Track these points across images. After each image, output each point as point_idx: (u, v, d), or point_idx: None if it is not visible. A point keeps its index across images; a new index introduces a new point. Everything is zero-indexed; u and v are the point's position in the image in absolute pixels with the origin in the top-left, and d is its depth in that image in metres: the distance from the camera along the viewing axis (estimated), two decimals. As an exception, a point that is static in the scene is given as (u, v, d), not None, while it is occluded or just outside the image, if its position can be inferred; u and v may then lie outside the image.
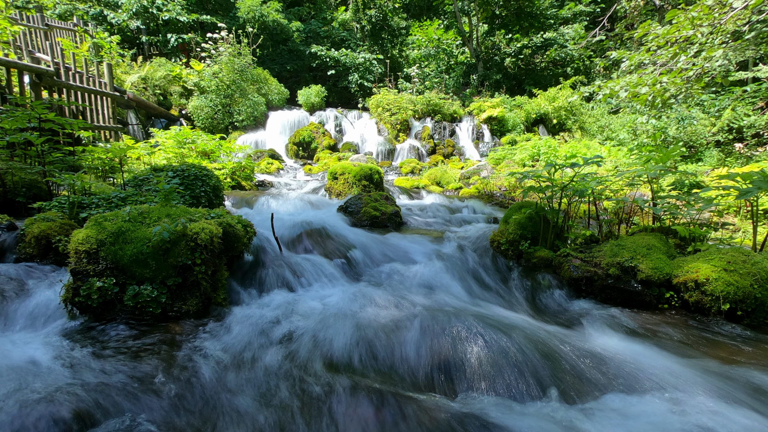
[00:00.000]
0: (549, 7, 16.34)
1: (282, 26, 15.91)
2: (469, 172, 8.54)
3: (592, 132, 12.43)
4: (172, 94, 11.73)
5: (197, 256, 2.15)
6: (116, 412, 1.34)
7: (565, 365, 1.73)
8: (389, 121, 12.44)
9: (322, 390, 1.52)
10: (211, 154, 6.72)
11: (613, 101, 11.85)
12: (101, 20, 12.99)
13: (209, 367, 1.64)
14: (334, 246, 3.23)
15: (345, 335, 1.90)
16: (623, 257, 2.61)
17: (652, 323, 2.32)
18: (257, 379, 1.59)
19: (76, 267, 2.04)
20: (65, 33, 10.33)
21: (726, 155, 8.80)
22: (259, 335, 1.92)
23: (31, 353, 1.67)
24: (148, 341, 1.82)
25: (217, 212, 2.55)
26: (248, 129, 11.73)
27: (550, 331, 2.08)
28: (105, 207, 2.95)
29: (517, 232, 3.20)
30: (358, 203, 4.54)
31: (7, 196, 3.39)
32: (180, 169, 3.84)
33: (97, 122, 6.85)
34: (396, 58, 17.88)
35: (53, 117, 3.72)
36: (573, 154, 8.20)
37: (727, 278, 2.28)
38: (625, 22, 15.42)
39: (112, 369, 1.57)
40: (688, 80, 5.10)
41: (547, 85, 14.97)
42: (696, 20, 5.06)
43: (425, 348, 1.81)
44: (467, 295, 2.70)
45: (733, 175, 2.53)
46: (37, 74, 5.44)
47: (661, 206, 2.95)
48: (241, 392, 1.50)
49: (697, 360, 1.85)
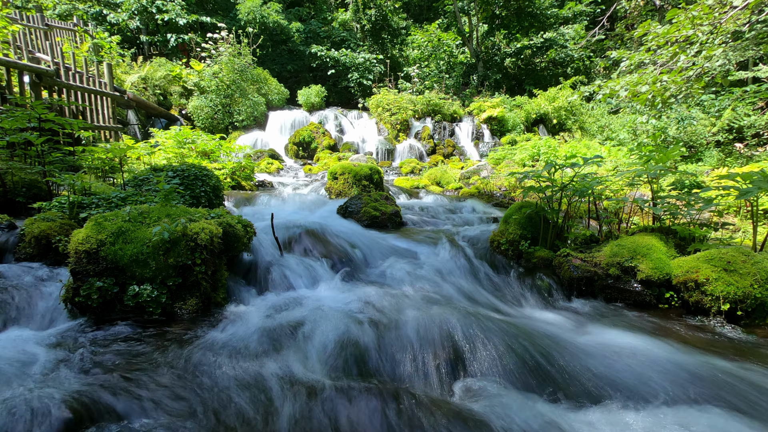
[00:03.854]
0: (549, 7, 16.34)
1: (282, 27, 15.91)
2: (469, 172, 8.54)
3: (592, 132, 12.43)
4: (172, 94, 11.72)
5: (197, 256, 2.15)
6: (114, 412, 1.34)
7: (564, 365, 1.72)
8: (389, 121, 12.44)
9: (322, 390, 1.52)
10: (211, 154, 6.71)
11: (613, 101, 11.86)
12: (101, 20, 12.99)
13: (209, 367, 1.63)
14: (334, 246, 3.23)
15: (345, 335, 1.90)
16: (623, 257, 2.61)
17: (651, 323, 2.32)
18: (257, 379, 1.59)
19: (76, 267, 2.04)
20: (65, 33, 10.33)
21: (726, 155, 8.79)
22: (259, 335, 1.92)
23: (30, 353, 1.67)
24: (147, 341, 1.82)
25: (217, 212, 2.54)
26: (248, 129, 11.73)
27: (550, 330, 2.08)
28: (105, 207, 2.95)
29: (517, 232, 3.20)
30: (358, 203, 4.54)
31: (7, 196, 3.39)
32: (180, 169, 3.84)
33: (97, 122, 6.85)
34: (396, 58, 17.88)
35: (53, 117, 3.71)
36: (573, 154, 8.20)
37: (727, 278, 2.28)
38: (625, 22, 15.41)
39: (111, 369, 1.57)
40: (688, 80, 5.10)
41: (547, 85, 14.97)
42: (696, 20, 5.06)
43: (423, 346, 1.81)
44: (466, 295, 2.70)
45: (733, 175, 2.53)
46: (37, 74, 5.44)
47: (661, 206, 2.95)
48: (240, 392, 1.50)
49: (697, 360, 1.84)
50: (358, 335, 1.90)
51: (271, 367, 1.66)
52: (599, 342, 1.99)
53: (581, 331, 2.19)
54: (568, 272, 2.72)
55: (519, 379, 1.65)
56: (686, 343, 2.04)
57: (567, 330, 2.20)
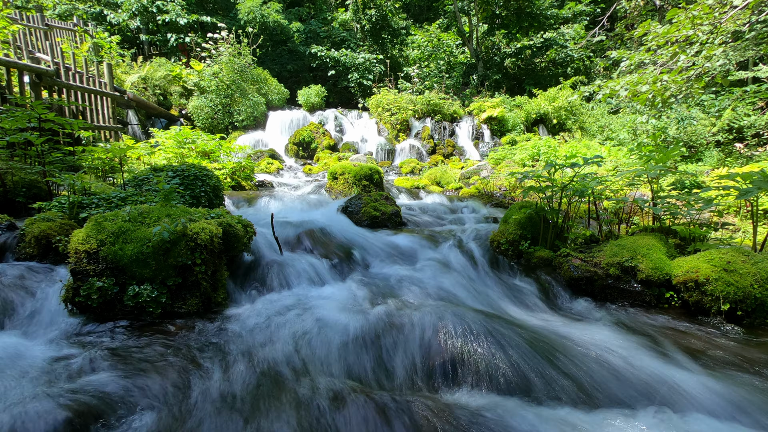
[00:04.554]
0: (549, 7, 16.34)
1: (282, 27, 15.91)
2: (469, 172, 8.54)
3: (592, 132, 12.43)
4: (172, 94, 11.73)
5: (197, 256, 2.15)
6: (113, 412, 1.34)
7: (563, 364, 1.72)
8: (389, 121, 12.43)
9: (322, 391, 1.52)
10: (211, 154, 6.71)
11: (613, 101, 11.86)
12: (101, 20, 12.99)
13: (209, 367, 1.63)
14: (334, 246, 3.23)
15: (344, 335, 1.90)
16: (623, 257, 2.61)
17: (651, 323, 2.32)
18: (258, 379, 1.59)
19: (76, 267, 2.03)
20: (65, 33, 10.33)
21: (726, 155, 8.79)
22: (259, 335, 1.92)
23: (30, 353, 1.67)
24: (147, 341, 1.82)
25: (217, 212, 2.54)
26: (248, 129, 11.73)
27: (549, 330, 2.08)
28: (105, 207, 2.95)
29: (517, 232, 3.20)
30: (358, 203, 4.54)
31: (7, 196, 3.38)
32: (180, 169, 3.84)
33: (97, 122, 6.85)
34: (396, 58, 17.88)
35: (53, 117, 3.71)
36: (573, 154, 8.20)
37: (727, 278, 2.28)
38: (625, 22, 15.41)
39: (111, 369, 1.57)
40: (688, 80, 5.10)
41: (547, 85, 14.97)
42: (696, 19, 5.06)
43: (423, 346, 1.81)
44: (466, 295, 2.70)
45: (733, 175, 2.53)
46: (37, 74, 5.44)
47: (661, 206, 2.95)
48: (240, 392, 1.50)
49: (696, 360, 1.85)
50: (358, 335, 1.90)
51: (271, 368, 1.66)
52: (598, 342, 1.99)
53: (580, 331, 2.19)
54: (568, 272, 2.72)
55: (516, 378, 1.65)
56: (686, 343, 2.04)
57: (566, 330, 2.20)
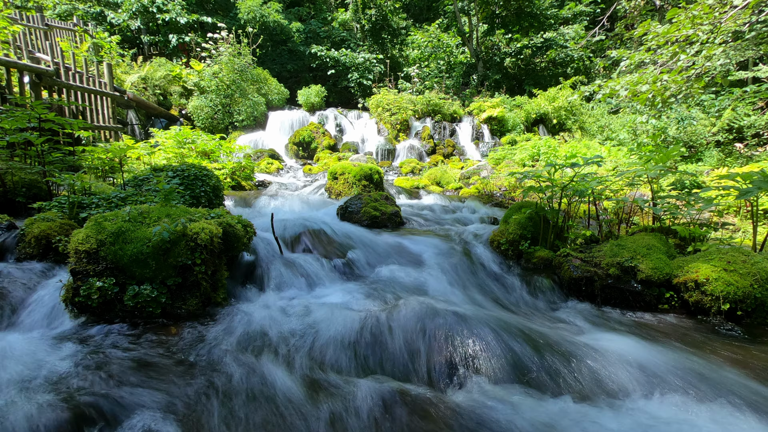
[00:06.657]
0: (549, 7, 16.34)
1: (282, 26, 15.91)
2: (469, 172, 8.54)
3: (592, 132, 12.43)
4: (172, 94, 11.72)
5: (197, 256, 2.15)
6: (114, 411, 1.34)
7: (562, 364, 1.72)
8: (389, 121, 12.43)
9: (321, 391, 1.52)
10: (211, 154, 6.71)
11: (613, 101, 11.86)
12: (101, 20, 12.99)
13: (208, 367, 1.63)
14: (334, 246, 3.23)
15: (344, 335, 1.90)
16: (623, 257, 2.61)
17: (651, 323, 2.32)
18: (258, 379, 1.59)
19: (76, 267, 2.03)
20: (65, 33, 10.33)
21: (726, 155, 8.79)
22: (259, 335, 1.92)
23: (30, 352, 1.67)
24: (148, 341, 1.82)
25: (217, 212, 2.54)
26: (248, 129, 11.73)
27: (549, 330, 2.08)
28: (105, 207, 2.95)
29: (517, 232, 3.20)
30: (358, 203, 4.54)
31: (7, 196, 3.38)
32: (180, 169, 3.84)
33: (97, 122, 6.85)
34: (396, 58, 17.88)
35: (53, 117, 3.71)
36: (573, 154, 8.20)
37: (727, 278, 2.28)
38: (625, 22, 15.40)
39: (111, 369, 1.57)
40: (688, 80, 5.10)
41: (547, 85, 14.97)
42: (696, 19, 5.06)
43: (422, 345, 1.81)
44: (466, 295, 2.70)
45: (733, 175, 2.53)
46: (37, 74, 5.44)
47: (661, 206, 2.95)
48: (241, 392, 1.50)
49: (695, 360, 1.84)
50: (358, 335, 1.90)
51: (271, 367, 1.66)
52: (597, 341, 1.99)
53: (580, 331, 2.19)
54: (568, 272, 2.72)
55: (516, 377, 1.65)
56: (686, 343, 2.04)
57: (566, 329, 2.20)
